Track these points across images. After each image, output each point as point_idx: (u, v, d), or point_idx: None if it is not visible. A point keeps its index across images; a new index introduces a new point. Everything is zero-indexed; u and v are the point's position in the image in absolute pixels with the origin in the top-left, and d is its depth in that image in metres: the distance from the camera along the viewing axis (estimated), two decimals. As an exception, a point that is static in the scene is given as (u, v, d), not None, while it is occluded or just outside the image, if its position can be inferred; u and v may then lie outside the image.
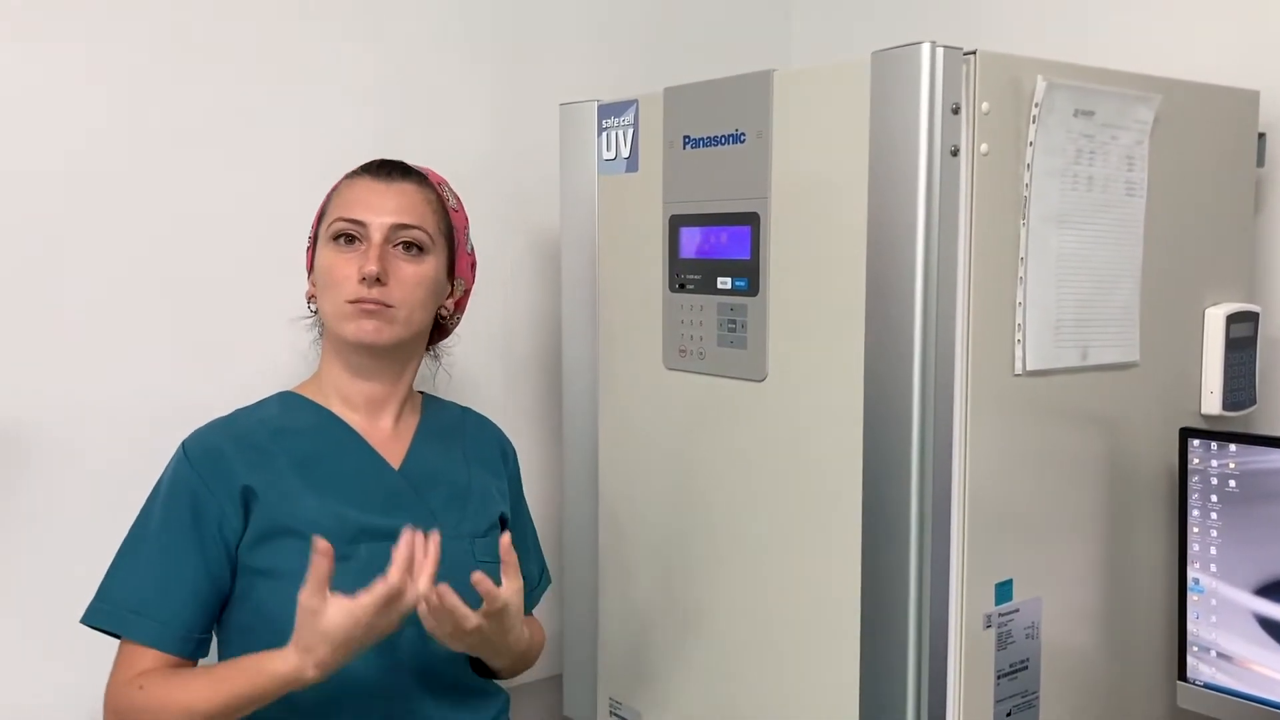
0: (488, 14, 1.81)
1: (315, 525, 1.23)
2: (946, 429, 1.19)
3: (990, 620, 1.24)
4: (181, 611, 1.23)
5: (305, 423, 1.32)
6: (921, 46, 1.14)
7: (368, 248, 1.29)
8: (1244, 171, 1.52)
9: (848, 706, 1.26)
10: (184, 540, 1.23)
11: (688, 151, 1.40)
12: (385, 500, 1.31)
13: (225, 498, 1.24)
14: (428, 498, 1.34)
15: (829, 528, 1.27)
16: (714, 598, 1.43)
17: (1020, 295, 1.23)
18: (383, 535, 1.27)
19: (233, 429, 1.30)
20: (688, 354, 1.43)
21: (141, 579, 1.23)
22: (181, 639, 1.23)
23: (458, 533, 1.34)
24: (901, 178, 1.16)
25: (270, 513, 1.24)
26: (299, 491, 1.26)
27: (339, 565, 1.22)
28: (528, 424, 1.88)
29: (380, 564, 1.24)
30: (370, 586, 1.13)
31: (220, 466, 1.25)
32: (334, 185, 1.39)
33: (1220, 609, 1.34)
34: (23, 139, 1.42)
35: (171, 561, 1.23)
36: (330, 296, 1.30)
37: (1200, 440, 1.35)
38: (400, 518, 1.29)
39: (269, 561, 1.24)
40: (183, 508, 1.24)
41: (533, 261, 1.88)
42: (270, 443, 1.29)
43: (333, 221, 1.32)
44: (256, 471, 1.26)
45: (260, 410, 1.34)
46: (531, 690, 1.85)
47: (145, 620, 1.22)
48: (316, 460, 1.29)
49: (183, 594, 1.23)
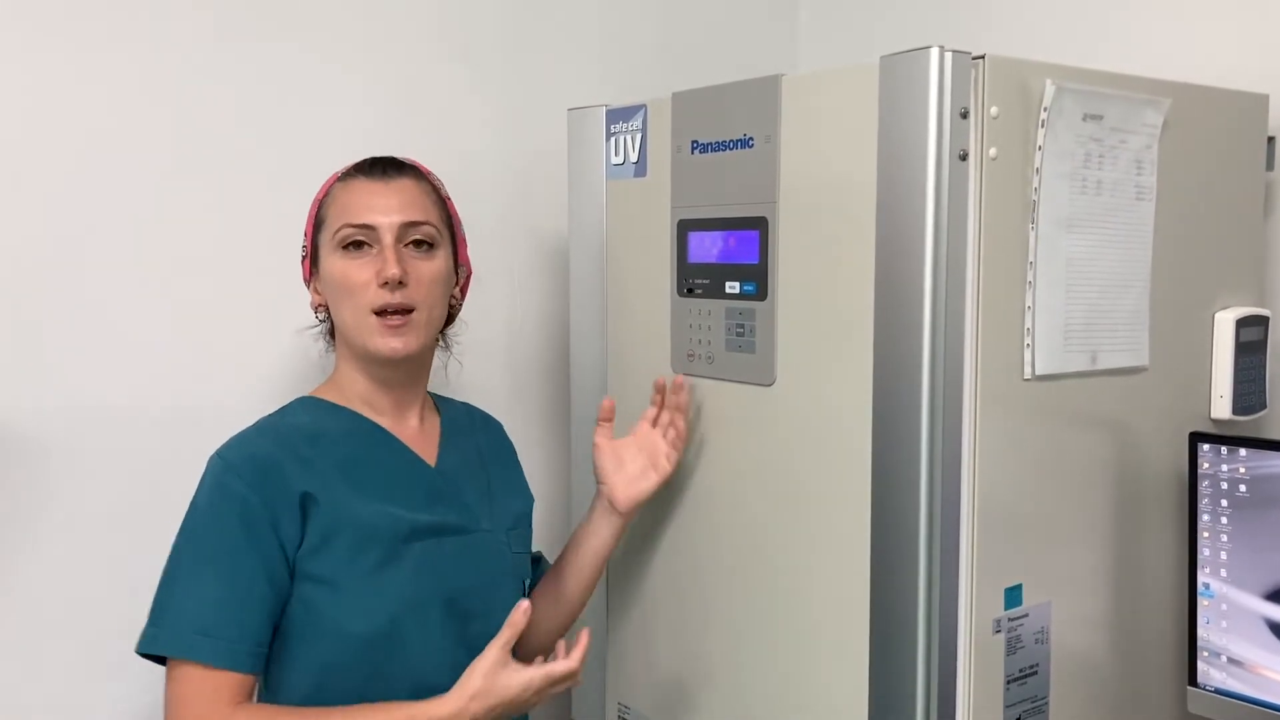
0: (495, 19, 1.82)
1: (370, 527, 1.23)
2: (956, 433, 1.19)
3: (1000, 625, 1.24)
4: (249, 626, 1.18)
5: (338, 427, 1.30)
6: (930, 51, 1.14)
7: (380, 251, 1.26)
8: (1254, 175, 1.52)
9: (857, 711, 1.26)
10: (240, 553, 1.18)
11: (696, 156, 1.40)
12: (428, 498, 1.31)
13: (281, 506, 1.20)
14: (463, 492, 1.35)
15: (838, 532, 1.27)
16: (723, 603, 1.43)
17: (1029, 300, 1.23)
18: (432, 532, 1.28)
19: (271, 435, 1.26)
20: (696, 358, 1.43)
21: (200, 599, 1.17)
22: (255, 656, 1.18)
23: (492, 526, 1.36)
24: (910, 182, 1.16)
25: (327, 518, 1.22)
26: (349, 495, 1.24)
27: (394, 564, 1.24)
28: (536, 429, 1.88)
29: (432, 562, 1.27)
30: (550, 664, 1.19)
31: (272, 475, 1.21)
32: (324, 189, 1.34)
33: (1231, 614, 1.34)
34: (26, 141, 1.42)
35: (230, 576, 1.18)
36: (349, 306, 1.27)
37: (1210, 445, 1.35)
38: (443, 514, 1.30)
39: (325, 568, 1.21)
40: (233, 520, 1.19)
41: (541, 266, 1.88)
42: (309, 448, 1.26)
43: (339, 229, 1.27)
44: (309, 478, 1.22)
45: (289, 417, 1.30)
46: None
47: (213, 640, 1.16)
48: (357, 463, 1.28)
49: (248, 607, 1.18)
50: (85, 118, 1.46)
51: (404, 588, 1.23)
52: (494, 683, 1.17)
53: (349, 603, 1.21)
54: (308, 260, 1.35)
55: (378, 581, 1.22)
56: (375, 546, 1.23)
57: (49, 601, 1.44)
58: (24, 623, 1.45)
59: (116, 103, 1.48)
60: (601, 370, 1.58)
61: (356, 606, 1.21)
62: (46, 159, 1.44)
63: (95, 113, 1.47)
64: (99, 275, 1.48)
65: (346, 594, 1.21)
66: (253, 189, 1.58)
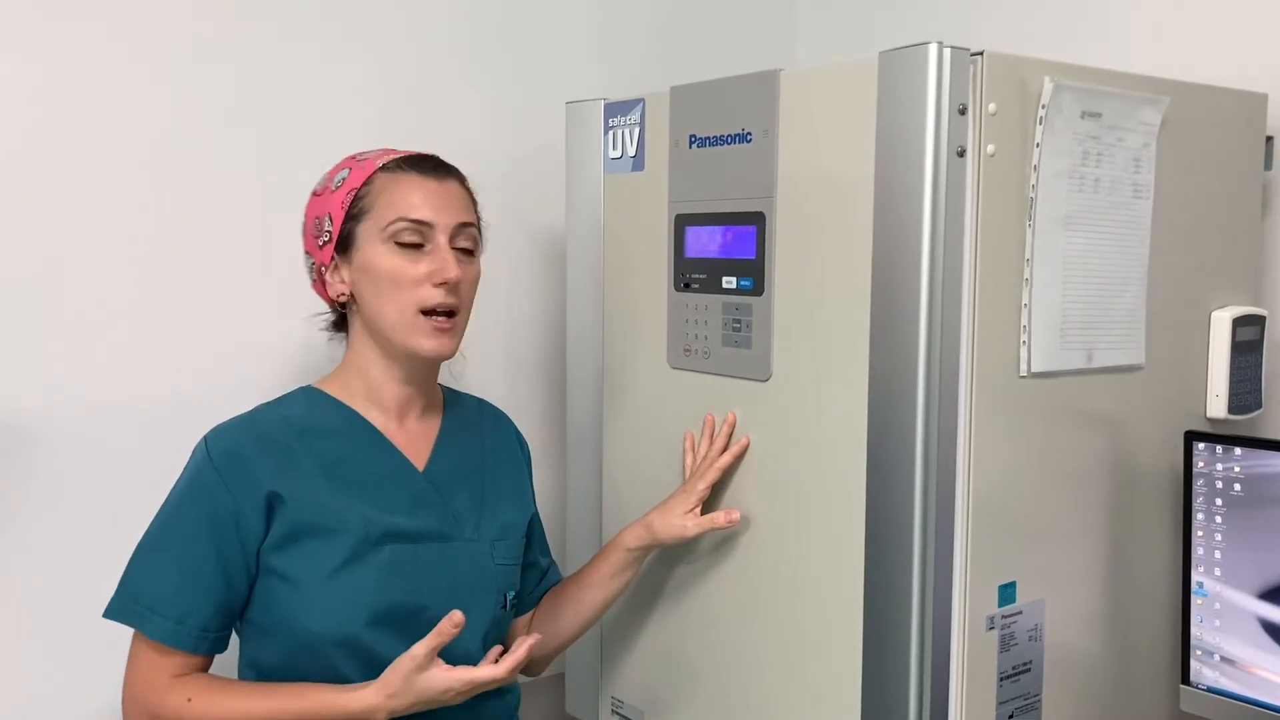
0: (494, 12, 1.81)
1: (341, 526, 1.24)
2: (951, 430, 1.19)
3: (993, 622, 1.24)
4: (196, 610, 1.22)
5: (332, 424, 1.30)
6: (929, 47, 1.14)
7: (434, 249, 1.26)
8: (1251, 174, 1.52)
9: (850, 707, 1.26)
10: (201, 540, 1.22)
11: (694, 150, 1.40)
12: (410, 502, 1.30)
13: (247, 502, 1.22)
14: (451, 499, 1.34)
15: (832, 528, 1.27)
16: (717, 597, 1.43)
17: (1026, 297, 1.23)
18: (407, 537, 1.28)
19: (256, 428, 1.27)
20: (693, 353, 1.43)
21: (158, 576, 1.23)
22: (196, 637, 1.22)
23: (477, 535, 1.34)
24: (908, 178, 1.16)
25: (296, 515, 1.23)
26: (325, 493, 1.25)
27: (361, 564, 1.24)
28: (532, 423, 1.87)
29: (402, 567, 1.26)
30: (476, 669, 1.20)
31: (243, 470, 1.23)
32: (362, 176, 1.29)
33: (1224, 613, 1.34)
34: (27, 139, 1.42)
35: (188, 560, 1.22)
36: (395, 301, 1.26)
37: (1205, 444, 1.35)
38: (424, 519, 1.30)
39: (291, 565, 1.23)
40: (201, 508, 1.23)
41: (538, 260, 1.88)
42: (296, 443, 1.27)
43: (393, 221, 1.25)
44: (282, 474, 1.24)
45: (284, 407, 1.31)
46: (534, 689, 1.85)
47: (160, 618, 1.21)
48: (342, 462, 1.28)
49: (197, 593, 1.22)
50: (89, 118, 1.46)
51: (366, 591, 1.23)
52: (412, 684, 1.18)
53: (308, 601, 1.22)
54: (330, 246, 1.29)
55: (339, 582, 1.23)
56: (341, 547, 1.24)
57: (59, 595, 1.44)
58: (23, 615, 1.45)
59: (112, 97, 1.47)
60: (598, 364, 1.58)
61: (315, 605, 1.22)
62: (49, 158, 1.43)
63: (98, 113, 1.46)
64: (106, 272, 1.48)
65: (306, 592, 1.22)
66: (250, 183, 1.58)
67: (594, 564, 1.45)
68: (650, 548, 1.42)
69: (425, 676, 1.18)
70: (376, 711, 1.19)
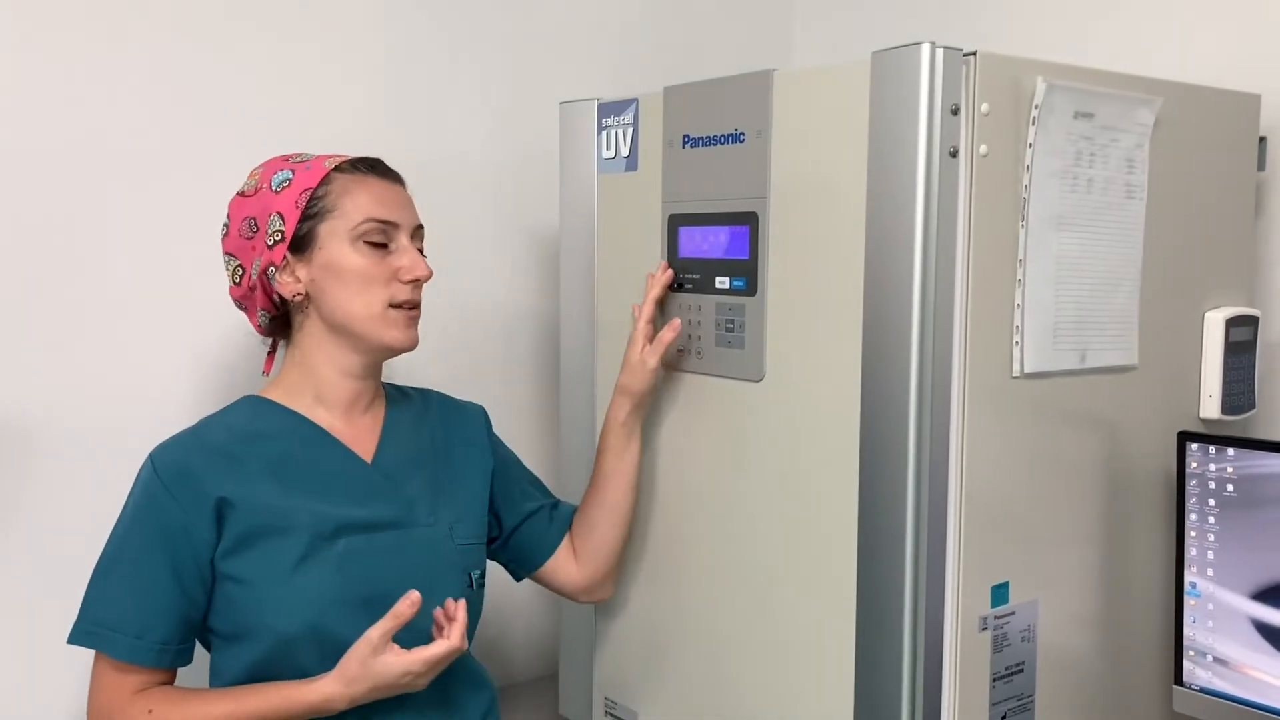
0: (488, 12, 1.81)
1: (293, 524, 1.24)
2: (944, 430, 1.19)
3: (986, 623, 1.24)
4: (155, 625, 1.23)
5: (274, 426, 1.31)
6: (921, 47, 1.14)
7: (398, 248, 1.30)
8: (1244, 175, 1.52)
9: (843, 706, 1.26)
10: (153, 555, 1.23)
11: (687, 151, 1.40)
12: (362, 494, 1.31)
13: (196, 513, 1.23)
14: (403, 487, 1.34)
15: (825, 528, 1.27)
16: (709, 597, 1.43)
17: (1019, 297, 1.23)
18: (362, 528, 1.28)
19: (200, 440, 1.28)
20: (686, 353, 1.43)
21: (115, 596, 1.24)
22: (157, 651, 1.23)
23: (434, 519, 1.35)
24: (901, 178, 1.16)
25: (246, 518, 1.24)
26: (274, 494, 1.26)
27: (317, 559, 1.24)
28: (525, 422, 1.88)
29: (359, 558, 1.26)
30: (428, 646, 1.20)
31: (190, 482, 1.24)
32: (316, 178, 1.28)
33: (1217, 613, 1.34)
34: (28, 137, 1.42)
35: (141, 577, 1.23)
36: (364, 298, 1.28)
37: (1199, 444, 1.35)
38: (378, 509, 1.30)
39: (246, 568, 1.23)
40: (151, 523, 1.24)
41: (531, 260, 1.88)
42: (241, 448, 1.27)
43: (362, 222, 1.28)
44: (229, 481, 1.25)
45: (228, 416, 1.32)
46: (526, 689, 1.85)
47: (119, 635, 1.22)
48: (288, 461, 1.29)
49: (154, 608, 1.23)
50: (86, 117, 1.46)
51: (325, 586, 1.23)
52: (368, 669, 1.18)
53: (267, 601, 1.22)
54: (283, 245, 1.27)
55: (297, 580, 1.23)
56: (296, 545, 1.24)
57: (53, 604, 1.44)
58: (19, 616, 1.45)
59: (115, 103, 1.48)
60: (591, 363, 1.57)
61: (275, 605, 1.22)
62: (48, 157, 1.43)
63: (97, 112, 1.46)
64: (102, 276, 1.48)
65: (264, 593, 1.22)
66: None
67: (600, 461, 1.47)
68: (638, 407, 1.44)
69: (380, 661, 1.18)
70: (335, 700, 1.19)
